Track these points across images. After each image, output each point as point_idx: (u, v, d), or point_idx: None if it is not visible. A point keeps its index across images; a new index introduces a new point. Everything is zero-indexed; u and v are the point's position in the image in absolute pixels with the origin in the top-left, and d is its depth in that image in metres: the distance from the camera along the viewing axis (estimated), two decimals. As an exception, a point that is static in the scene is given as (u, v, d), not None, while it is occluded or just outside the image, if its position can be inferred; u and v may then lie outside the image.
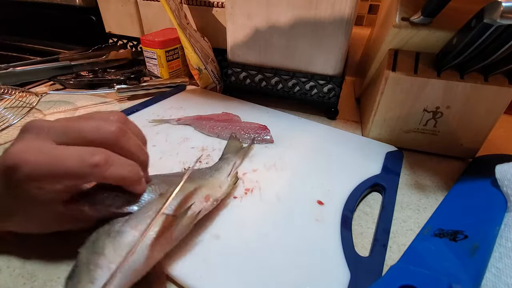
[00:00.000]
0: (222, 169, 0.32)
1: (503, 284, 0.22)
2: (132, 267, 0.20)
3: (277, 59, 0.47)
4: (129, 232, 0.21)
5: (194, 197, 0.26)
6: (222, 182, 0.31)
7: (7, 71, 0.49)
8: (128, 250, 0.20)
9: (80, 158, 0.19)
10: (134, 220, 0.22)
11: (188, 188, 0.26)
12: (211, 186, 0.29)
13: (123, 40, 0.69)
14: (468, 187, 0.34)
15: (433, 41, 0.35)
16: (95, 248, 0.20)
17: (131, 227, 0.22)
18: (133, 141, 0.23)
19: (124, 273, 0.20)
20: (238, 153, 0.36)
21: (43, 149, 0.19)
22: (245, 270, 0.24)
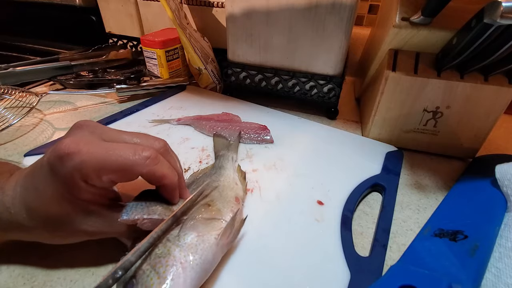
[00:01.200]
0: (226, 167, 0.33)
1: (503, 284, 0.22)
2: (203, 266, 0.21)
3: (277, 59, 0.47)
4: (191, 235, 0.22)
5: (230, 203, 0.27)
6: (234, 178, 0.31)
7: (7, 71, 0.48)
8: (194, 249, 0.21)
9: (133, 150, 0.21)
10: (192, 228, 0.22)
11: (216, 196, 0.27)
12: (230, 187, 0.29)
13: (123, 40, 0.69)
14: (468, 187, 0.34)
15: (433, 41, 0.35)
16: (158, 255, 0.20)
17: (196, 231, 0.22)
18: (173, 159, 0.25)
19: (196, 271, 0.20)
20: (230, 148, 0.37)
21: (95, 142, 0.21)
22: (245, 270, 0.24)
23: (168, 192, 0.24)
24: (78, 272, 0.25)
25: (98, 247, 0.27)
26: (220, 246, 0.23)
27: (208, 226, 0.23)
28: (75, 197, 0.21)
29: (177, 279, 0.19)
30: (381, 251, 0.27)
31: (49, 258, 0.26)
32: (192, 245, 0.21)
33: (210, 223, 0.23)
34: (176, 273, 0.19)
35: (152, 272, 0.19)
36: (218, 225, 0.24)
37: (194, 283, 0.20)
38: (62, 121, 0.46)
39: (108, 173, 0.20)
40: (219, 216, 0.25)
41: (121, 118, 0.45)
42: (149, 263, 0.20)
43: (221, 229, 0.23)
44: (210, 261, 0.22)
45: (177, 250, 0.21)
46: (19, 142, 0.41)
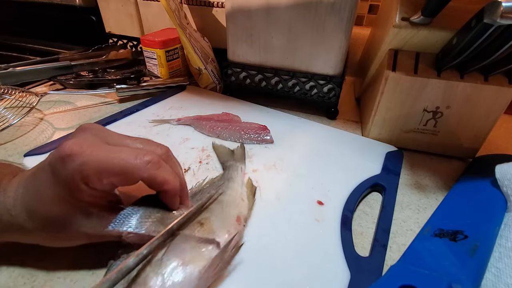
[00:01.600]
0: (235, 179, 0.31)
1: (503, 284, 0.22)
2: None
3: (277, 59, 0.47)
4: (173, 262, 0.20)
5: (229, 222, 0.25)
6: (242, 194, 0.30)
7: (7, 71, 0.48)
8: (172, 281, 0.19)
9: (135, 154, 0.21)
10: (178, 251, 0.21)
11: (217, 211, 0.25)
12: (236, 203, 0.28)
13: (123, 40, 0.69)
14: (468, 187, 0.34)
15: (433, 41, 0.35)
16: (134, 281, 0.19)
17: (177, 258, 0.21)
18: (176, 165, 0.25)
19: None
20: (237, 158, 0.36)
21: (98, 145, 0.21)
22: (245, 270, 0.24)
23: (169, 198, 0.23)
24: (79, 272, 0.25)
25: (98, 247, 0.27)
26: (204, 279, 0.21)
27: (195, 253, 0.21)
28: (75, 199, 0.21)
29: None
30: (381, 251, 0.27)
31: (49, 258, 0.26)
32: (172, 275, 0.20)
33: (199, 249, 0.22)
34: None
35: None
36: (207, 253, 0.22)
37: None
38: (62, 121, 0.46)
39: (109, 176, 0.20)
40: (211, 237, 0.23)
41: (121, 118, 0.45)
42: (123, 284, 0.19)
43: (209, 258, 0.21)
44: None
45: (154, 279, 0.19)
46: (19, 142, 0.41)
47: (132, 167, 0.20)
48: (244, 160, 0.36)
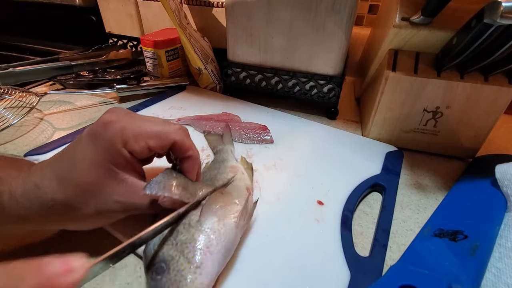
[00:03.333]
0: (228, 159, 0.33)
1: (503, 284, 0.22)
2: (226, 247, 0.22)
3: (277, 59, 0.47)
4: (212, 219, 0.23)
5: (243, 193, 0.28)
6: (240, 169, 0.32)
7: (7, 71, 0.48)
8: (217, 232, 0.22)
9: (167, 123, 0.24)
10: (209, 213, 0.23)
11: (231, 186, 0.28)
12: (239, 177, 0.30)
13: (123, 40, 0.69)
14: (468, 187, 0.34)
15: (433, 41, 0.35)
16: (183, 241, 0.21)
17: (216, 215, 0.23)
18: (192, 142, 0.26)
19: (222, 253, 0.22)
20: (224, 141, 0.38)
21: (133, 115, 0.24)
22: (245, 270, 0.24)
23: (191, 166, 0.25)
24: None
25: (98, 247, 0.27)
26: (239, 228, 0.24)
27: (225, 211, 0.24)
28: (113, 163, 0.22)
29: (206, 263, 0.21)
30: (381, 251, 0.27)
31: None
32: (214, 230, 0.22)
33: (227, 208, 0.25)
34: (204, 257, 0.21)
35: (181, 257, 0.21)
36: (234, 208, 0.25)
37: (221, 264, 0.22)
38: (62, 121, 0.46)
39: (146, 138, 0.23)
40: (234, 201, 0.26)
41: (121, 118, 0.45)
42: (176, 249, 0.21)
43: (237, 212, 0.25)
44: (232, 242, 0.23)
45: (201, 236, 0.22)
46: (19, 142, 0.41)
47: (166, 130, 0.24)
48: (231, 142, 0.39)
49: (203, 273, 0.20)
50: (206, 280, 0.20)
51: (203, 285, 0.20)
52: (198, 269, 0.20)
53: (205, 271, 0.20)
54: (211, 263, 0.21)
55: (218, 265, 0.21)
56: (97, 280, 0.24)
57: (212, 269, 0.21)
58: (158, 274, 0.20)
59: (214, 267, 0.21)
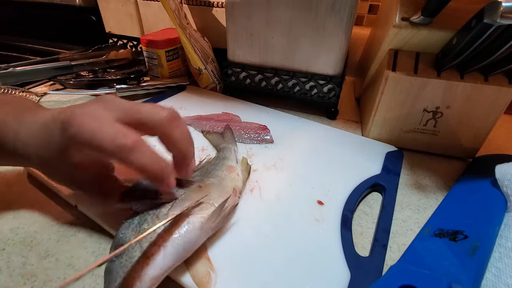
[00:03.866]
0: (229, 158, 0.34)
1: (503, 284, 0.22)
2: (184, 246, 0.22)
3: (277, 59, 0.47)
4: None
5: (228, 193, 0.27)
6: (237, 169, 0.32)
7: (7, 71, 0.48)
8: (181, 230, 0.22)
9: (112, 137, 0.21)
10: (179, 207, 0.24)
11: (216, 183, 0.28)
12: (231, 177, 0.30)
13: (123, 40, 0.69)
14: (468, 187, 0.34)
15: (433, 41, 0.35)
16: (144, 230, 0.22)
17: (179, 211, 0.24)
18: (181, 129, 0.25)
19: (177, 250, 0.22)
20: (228, 140, 0.38)
21: (98, 119, 0.21)
22: (244, 270, 0.24)
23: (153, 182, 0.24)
24: (78, 272, 0.25)
25: (97, 247, 0.27)
26: (204, 230, 0.24)
27: (197, 209, 0.24)
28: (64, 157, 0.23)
29: (157, 256, 0.21)
30: (381, 251, 0.27)
31: (49, 258, 0.26)
32: (178, 226, 0.23)
33: (200, 206, 0.25)
34: (157, 249, 0.21)
35: (137, 245, 0.21)
36: (206, 208, 0.25)
37: (173, 261, 0.22)
38: (62, 121, 0.46)
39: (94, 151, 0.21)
40: (208, 200, 0.25)
41: (121, 118, 0.45)
42: (136, 236, 0.22)
43: (208, 213, 0.24)
44: (192, 242, 0.23)
45: (162, 228, 0.22)
46: (19, 142, 0.41)
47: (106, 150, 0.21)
48: (234, 142, 0.39)
49: (151, 265, 0.20)
50: (152, 272, 0.20)
51: (147, 276, 0.20)
52: (147, 260, 0.20)
53: (154, 264, 0.21)
54: (163, 257, 0.21)
55: (170, 262, 0.21)
56: (97, 280, 0.24)
57: (162, 263, 0.21)
58: (116, 257, 0.21)
59: (165, 262, 0.21)
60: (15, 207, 0.31)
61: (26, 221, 0.29)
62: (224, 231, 0.27)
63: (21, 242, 0.27)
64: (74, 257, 0.26)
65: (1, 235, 0.28)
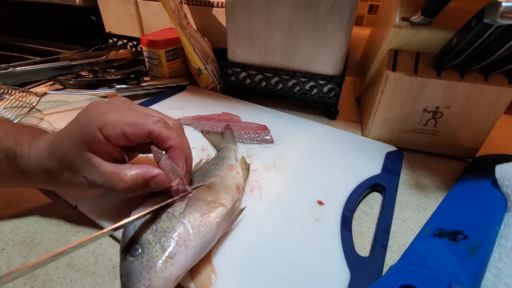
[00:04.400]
0: (229, 157, 0.34)
1: (503, 284, 0.22)
2: (203, 246, 0.23)
3: (277, 59, 0.47)
4: (195, 214, 0.24)
5: (231, 191, 0.28)
6: (236, 167, 0.32)
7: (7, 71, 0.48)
8: (197, 229, 0.23)
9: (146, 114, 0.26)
10: (196, 207, 0.24)
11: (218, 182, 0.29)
12: (232, 175, 0.31)
13: (123, 40, 0.69)
14: (468, 187, 0.34)
15: (433, 41, 0.35)
16: (163, 229, 0.22)
17: (199, 211, 0.24)
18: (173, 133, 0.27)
19: (196, 250, 0.22)
20: (228, 140, 0.38)
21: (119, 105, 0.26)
22: (245, 270, 0.24)
23: (174, 155, 0.25)
24: (78, 272, 0.25)
25: (97, 247, 0.27)
26: (219, 229, 0.25)
27: (210, 209, 0.25)
28: (84, 142, 0.24)
29: (179, 255, 0.21)
30: (381, 251, 0.27)
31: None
32: (195, 225, 0.23)
33: (213, 207, 0.25)
34: (179, 249, 0.21)
35: (157, 244, 0.21)
36: (219, 209, 0.25)
37: (193, 260, 0.22)
38: (62, 121, 0.46)
39: (122, 125, 0.24)
40: (220, 201, 0.26)
41: (121, 118, 0.45)
42: (155, 235, 0.22)
43: (222, 213, 0.25)
44: (209, 241, 0.24)
45: (182, 228, 0.22)
46: (19, 142, 0.41)
47: (143, 121, 0.25)
48: (234, 141, 0.39)
49: (174, 264, 0.21)
50: (175, 271, 0.20)
51: (172, 276, 0.20)
52: (170, 259, 0.21)
53: (176, 263, 0.21)
54: (184, 256, 0.21)
55: (190, 260, 0.22)
56: (97, 280, 0.24)
57: (183, 263, 0.21)
58: (132, 256, 0.21)
59: (186, 261, 0.21)
60: (15, 207, 0.31)
61: (26, 221, 0.29)
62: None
63: (21, 242, 0.27)
64: (74, 257, 0.26)
65: (1, 235, 0.28)
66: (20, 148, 0.26)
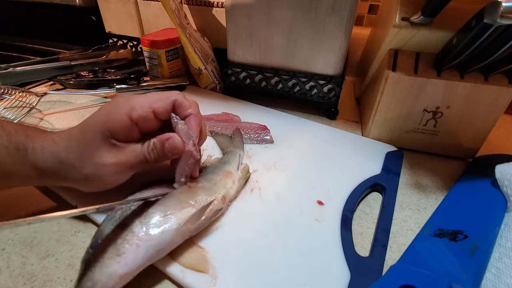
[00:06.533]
0: (229, 161, 0.34)
1: (503, 284, 0.22)
2: (157, 248, 0.23)
3: (277, 59, 0.47)
4: (158, 215, 0.24)
5: (216, 199, 0.27)
6: (234, 176, 0.32)
7: (7, 71, 0.48)
8: (153, 230, 0.23)
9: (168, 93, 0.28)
10: (163, 206, 0.25)
11: (207, 186, 0.28)
12: (224, 183, 0.30)
13: (123, 40, 0.69)
14: (468, 187, 0.34)
15: (433, 41, 0.35)
16: (123, 225, 0.23)
17: (161, 210, 0.24)
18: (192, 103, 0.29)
19: (148, 251, 0.22)
20: (235, 144, 0.38)
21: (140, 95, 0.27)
22: (245, 270, 0.24)
23: (192, 122, 0.27)
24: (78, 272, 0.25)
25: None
26: (180, 232, 0.24)
27: (177, 210, 0.25)
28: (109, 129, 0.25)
29: (128, 254, 0.21)
30: (381, 251, 0.27)
31: (49, 258, 0.26)
32: (154, 226, 0.23)
33: (181, 207, 0.25)
34: (130, 248, 0.22)
35: (112, 241, 0.22)
36: (187, 211, 0.25)
37: (144, 260, 0.22)
38: (62, 121, 0.46)
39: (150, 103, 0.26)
40: (192, 201, 0.26)
41: (121, 118, 0.45)
42: (114, 231, 0.23)
43: (187, 215, 0.24)
44: (165, 244, 0.23)
45: (138, 227, 0.23)
46: (19, 142, 0.41)
47: (167, 94, 0.27)
48: (242, 147, 0.38)
49: (122, 263, 0.21)
50: (121, 270, 0.21)
51: (116, 273, 0.21)
52: (118, 257, 0.21)
53: (124, 261, 0.21)
54: (134, 256, 0.21)
55: (141, 260, 0.22)
56: (97, 280, 0.24)
57: (132, 262, 0.21)
58: (91, 248, 0.22)
59: (135, 261, 0.21)
60: (15, 207, 0.31)
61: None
62: (224, 231, 0.28)
63: (21, 242, 0.27)
64: (74, 257, 0.26)
65: (1, 235, 0.28)
66: (31, 141, 0.25)
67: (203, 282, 0.23)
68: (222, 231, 0.28)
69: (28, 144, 0.25)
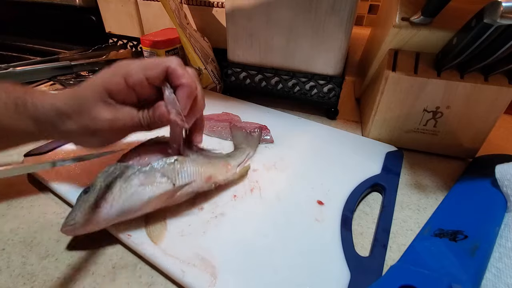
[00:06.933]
0: (235, 157, 0.34)
1: (503, 284, 0.22)
2: (127, 210, 0.26)
3: (277, 59, 0.47)
4: (135, 183, 0.26)
5: (197, 175, 0.29)
6: (230, 169, 0.32)
7: (7, 71, 0.48)
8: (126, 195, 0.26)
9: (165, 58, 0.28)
10: (143, 175, 0.27)
11: (198, 161, 0.30)
12: (216, 168, 0.31)
13: (123, 40, 0.69)
14: (468, 187, 0.34)
15: (433, 41, 0.35)
16: (110, 182, 0.26)
17: (139, 180, 0.26)
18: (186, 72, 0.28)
19: (118, 211, 0.25)
20: (250, 143, 0.38)
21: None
22: (245, 270, 0.24)
23: (184, 93, 0.27)
24: (78, 272, 0.25)
25: (97, 247, 0.27)
26: (151, 203, 0.26)
27: (153, 181, 0.27)
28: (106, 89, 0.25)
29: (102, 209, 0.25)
30: (381, 251, 0.27)
31: (49, 258, 0.26)
32: (129, 193, 0.26)
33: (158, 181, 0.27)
34: (105, 205, 0.25)
35: (96, 195, 0.25)
36: (163, 187, 0.27)
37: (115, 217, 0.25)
38: (62, 121, 0.46)
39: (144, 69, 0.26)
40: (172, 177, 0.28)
41: (121, 118, 0.45)
42: (104, 181, 0.26)
43: (162, 190, 0.26)
44: (135, 209, 0.26)
45: (117, 189, 0.26)
46: (19, 142, 0.41)
47: (160, 59, 0.27)
48: (255, 147, 0.39)
49: (96, 214, 0.25)
50: (94, 220, 0.25)
51: (90, 221, 0.25)
52: (96, 209, 0.25)
53: (98, 214, 0.25)
54: (106, 211, 0.25)
55: (112, 217, 0.25)
56: (97, 280, 0.24)
57: (105, 215, 0.25)
58: (84, 192, 0.26)
59: (108, 215, 0.25)
60: (15, 207, 0.31)
61: (26, 221, 0.29)
62: (224, 230, 0.28)
63: (21, 242, 0.27)
64: (74, 257, 0.26)
65: (1, 235, 0.28)
66: (30, 97, 0.26)
67: (203, 282, 0.23)
68: (222, 231, 0.28)
69: (27, 99, 0.26)
